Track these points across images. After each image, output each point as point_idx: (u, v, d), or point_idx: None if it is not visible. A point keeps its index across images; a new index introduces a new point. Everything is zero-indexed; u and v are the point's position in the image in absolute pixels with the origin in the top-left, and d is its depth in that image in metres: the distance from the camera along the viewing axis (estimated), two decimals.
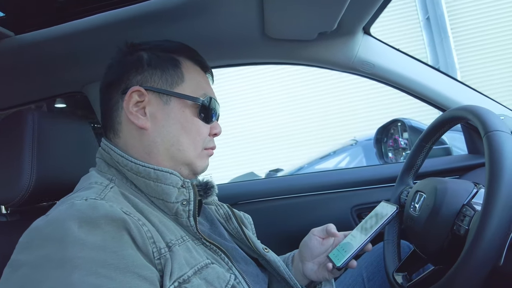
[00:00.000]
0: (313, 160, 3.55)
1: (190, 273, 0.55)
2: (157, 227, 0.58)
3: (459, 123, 0.75)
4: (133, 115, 0.66)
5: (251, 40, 0.97)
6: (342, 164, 3.51)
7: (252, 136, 5.22)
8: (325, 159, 3.37)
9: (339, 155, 3.31)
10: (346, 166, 3.21)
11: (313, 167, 3.43)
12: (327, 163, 3.33)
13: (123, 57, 0.71)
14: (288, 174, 3.75)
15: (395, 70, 1.02)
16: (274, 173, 3.95)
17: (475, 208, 0.62)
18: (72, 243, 0.47)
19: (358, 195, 1.18)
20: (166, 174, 0.64)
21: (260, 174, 4.60)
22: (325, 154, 3.43)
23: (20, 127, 0.71)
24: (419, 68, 1.04)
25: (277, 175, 3.84)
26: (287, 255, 0.94)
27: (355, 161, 3.31)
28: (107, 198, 0.55)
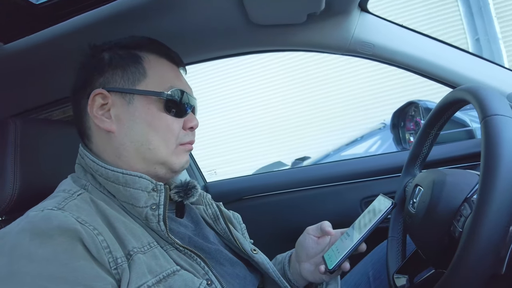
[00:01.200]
0: (339, 146, 3.43)
1: (152, 282, 0.52)
2: (119, 235, 0.56)
3: (463, 106, 0.65)
4: (98, 119, 0.65)
5: (237, 30, 0.92)
6: (372, 149, 3.36)
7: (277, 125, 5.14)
8: (352, 145, 3.24)
9: (367, 140, 3.17)
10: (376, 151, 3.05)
11: (339, 153, 3.32)
12: (354, 149, 3.20)
13: (87, 60, 0.69)
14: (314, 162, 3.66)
15: (399, 48, 0.91)
16: (300, 162, 3.87)
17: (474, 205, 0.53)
18: (19, 257, 0.46)
19: (368, 186, 1.10)
20: (134, 178, 0.62)
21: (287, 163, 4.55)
22: (352, 140, 3.29)
23: (2, 135, 0.72)
24: (428, 44, 0.93)
25: (303, 164, 3.77)
26: (284, 254, 0.90)
27: (385, 145, 3.15)
28: (67, 207, 0.54)
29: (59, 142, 0.82)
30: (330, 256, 0.74)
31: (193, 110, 0.75)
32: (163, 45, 0.73)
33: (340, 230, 0.79)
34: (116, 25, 0.83)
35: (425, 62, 0.92)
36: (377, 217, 0.68)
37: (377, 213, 0.69)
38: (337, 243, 0.75)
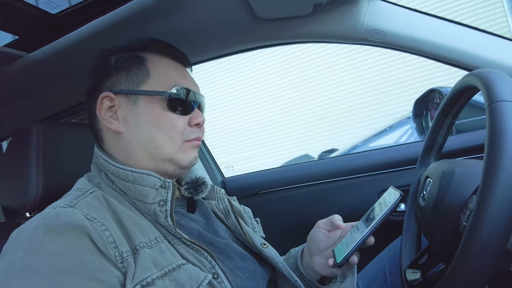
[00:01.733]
0: (367, 137, 3.34)
1: (156, 275, 0.55)
2: (127, 230, 0.59)
3: (476, 93, 0.61)
4: (106, 121, 0.68)
5: (244, 26, 0.92)
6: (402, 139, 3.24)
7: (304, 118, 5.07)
8: (380, 135, 3.14)
9: (396, 130, 3.06)
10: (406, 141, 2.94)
11: (367, 145, 3.24)
12: (383, 139, 3.10)
13: (95, 64, 0.73)
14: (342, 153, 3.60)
15: (412, 34, 0.87)
16: (327, 154, 3.82)
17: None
18: (34, 251, 0.50)
19: (385, 179, 1.07)
20: (143, 175, 0.65)
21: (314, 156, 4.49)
22: (380, 130, 3.19)
23: (26, 140, 0.78)
24: (444, 27, 0.88)
25: (330, 156, 3.71)
26: (297, 248, 0.90)
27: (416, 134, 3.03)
28: (78, 205, 0.58)
29: (77, 143, 0.87)
30: (340, 249, 0.73)
31: (200, 107, 0.76)
32: (166, 44, 0.75)
33: (351, 224, 0.78)
34: (126, 28, 0.86)
35: (442, 46, 0.87)
36: (385, 210, 0.67)
37: (386, 206, 0.68)
38: (347, 237, 0.75)
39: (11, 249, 0.52)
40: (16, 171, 0.77)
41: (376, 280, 0.88)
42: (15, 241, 0.53)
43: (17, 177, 0.77)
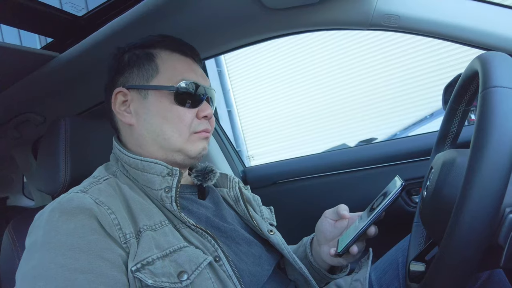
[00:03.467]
0: (407, 126, 3.18)
1: (157, 256, 0.59)
2: (133, 214, 0.64)
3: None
4: (120, 114, 0.73)
5: (254, 17, 0.92)
6: None
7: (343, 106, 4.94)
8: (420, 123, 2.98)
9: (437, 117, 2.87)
10: None
11: (407, 133, 3.08)
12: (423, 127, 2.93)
13: (112, 62, 0.78)
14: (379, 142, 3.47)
15: (429, 17, 0.82)
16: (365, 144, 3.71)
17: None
18: (50, 230, 0.57)
19: (405, 169, 1.03)
20: (151, 164, 0.70)
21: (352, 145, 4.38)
22: (420, 119, 3.02)
23: (55, 133, 0.86)
24: (464, 6, 0.81)
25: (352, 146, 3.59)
26: (307, 237, 0.91)
27: None
28: (90, 190, 0.64)
29: (101, 136, 0.95)
30: (343, 239, 0.73)
31: (209, 100, 0.79)
32: (175, 40, 0.78)
33: (357, 214, 0.77)
34: (142, 26, 0.91)
35: (462, 28, 0.81)
36: (386, 200, 0.65)
37: (387, 195, 0.66)
38: (352, 227, 0.75)
39: (35, 228, 0.60)
40: (48, 161, 0.86)
41: (389, 272, 0.86)
42: (38, 221, 0.60)
43: (49, 166, 0.86)
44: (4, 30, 11.65)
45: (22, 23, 0.95)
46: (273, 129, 5.68)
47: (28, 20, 0.92)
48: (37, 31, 1.00)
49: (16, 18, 0.91)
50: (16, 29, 0.99)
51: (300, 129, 5.30)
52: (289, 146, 5.46)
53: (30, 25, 0.97)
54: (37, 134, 1.55)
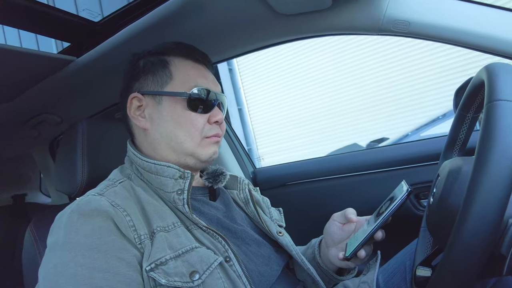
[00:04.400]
0: (419, 126, 3.15)
1: (170, 256, 0.61)
2: (147, 216, 0.66)
3: None
4: (135, 119, 0.76)
5: (265, 22, 0.94)
6: None
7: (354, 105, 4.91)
8: (433, 124, 2.94)
9: (450, 118, 2.83)
10: None
11: (419, 134, 3.05)
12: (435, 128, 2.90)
13: (128, 68, 0.81)
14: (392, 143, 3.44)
15: (440, 23, 0.82)
16: (376, 143, 3.68)
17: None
18: (70, 231, 0.60)
19: (414, 173, 1.04)
20: (163, 167, 0.72)
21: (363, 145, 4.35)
22: (432, 119, 2.99)
23: (73, 136, 0.90)
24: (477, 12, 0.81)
25: (379, 146, 3.57)
26: (316, 239, 0.93)
27: None
28: (107, 193, 0.67)
29: (116, 138, 0.98)
30: (351, 243, 0.75)
31: (220, 105, 0.81)
32: (188, 47, 0.80)
33: (365, 217, 0.79)
34: (155, 32, 0.93)
35: (475, 34, 0.81)
36: (392, 205, 0.67)
37: (394, 200, 0.68)
38: (360, 231, 0.76)
39: (56, 228, 0.63)
40: (67, 162, 0.90)
41: (396, 275, 0.87)
42: (59, 222, 0.64)
43: (67, 168, 0.89)
44: (22, 35, 11.86)
45: (41, 29, 0.99)
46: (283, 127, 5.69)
47: (47, 26, 0.96)
48: (56, 36, 1.04)
49: (36, 24, 0.94)
50: (34, 33, 1.03)
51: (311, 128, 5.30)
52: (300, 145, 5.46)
53: (48, 31, 1.00)
54: (54, 133, 1.60)
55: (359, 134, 4.67)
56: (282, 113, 5.68)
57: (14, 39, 10.38)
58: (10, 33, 11.86)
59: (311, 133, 5.32)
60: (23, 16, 0.88)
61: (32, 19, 0.91)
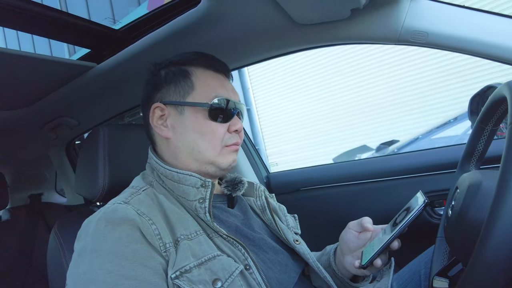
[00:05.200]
0: (430, 129, 3.13)
1: (194, 264, 0.63)
2: (171, 224, 0.68)
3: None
4: (157, 128, 0.78)
5: (283, 32, 0.95)
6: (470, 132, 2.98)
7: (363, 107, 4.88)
8: (443, 127, 2.92)
9: (461, 122, 2.81)
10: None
11: (429, 137, 3.04)
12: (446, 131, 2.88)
13: (149, 77, 0.83)
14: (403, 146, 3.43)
15: (459, 34, 0.82)
16: (386, 146, 3.67)
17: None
18: (98, 238, 0.62)
19: (429, 181, 1.04)
20: (186, 176, 0.74)
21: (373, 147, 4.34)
22: (443, 122, 2.97)
23: (95, 141, 0.92)
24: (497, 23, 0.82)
25: (389, 148, 3.56)
26: (332, 246, 0.94)
27: None
28: (132, 201, 0.69)
29: (136, 143, 1.00)
30: (367, 251, 0.76)
31: (239, 114, 0.83)
32: (209, 57, 0.82)
33: (380, 226, 0.80)
34: (174, 41, 0.95)
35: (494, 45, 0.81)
36: (409, 216, 0.68)
37: (410, 211, 0.69)
38: (375, 239, 0.77)
39: (83, 235, 0.66)
40: (88, 167, 0.92)
41: (411, 283, 0.88)
42: (86, 228, 0.66)
43: (89, 173, 0.92)
44: (36, 40, 12.04)
45: (63, 36, 1.01)
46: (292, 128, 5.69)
47: (69, 34, 0.98)
48: (77, 43, 1.07)
49: (59, 32, 0.97)
50: (47, 39, 1.05)
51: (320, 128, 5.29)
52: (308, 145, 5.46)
53: (70, 38, 1.03)
54: (71, 135, 1.64)
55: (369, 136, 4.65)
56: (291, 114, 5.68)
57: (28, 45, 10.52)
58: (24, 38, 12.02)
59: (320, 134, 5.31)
60: (46, 24, 0.90)
61: (55, 28, 0.93)
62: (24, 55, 0.93)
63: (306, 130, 5.56)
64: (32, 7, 0.84)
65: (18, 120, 1.36)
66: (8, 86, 1.11)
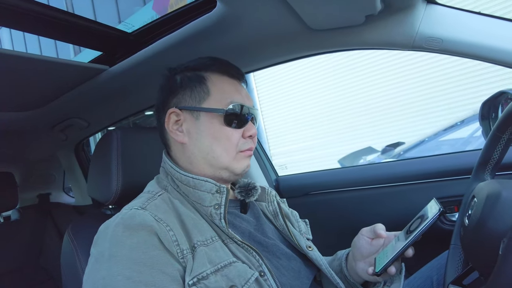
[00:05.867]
0: (436, 131, 3.11)
1: (210, 271, 0.63)
2: (187, 230, 0.69)
3: None
4: (173, 133, 0.78)
5: (296, 36, 0.95)
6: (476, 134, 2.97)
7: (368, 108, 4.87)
8: (450, 130, 2.91)
9: (468, 125, 2.80)
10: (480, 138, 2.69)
11: (436, 139, 3.02)
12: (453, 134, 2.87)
13: (164, 82, 0.83)
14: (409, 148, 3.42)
15: (474, 41, 0.82)
16: (392, 148, 3.66)
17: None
18: (116, 244, 0.62)
19: (441, 187, 1.04)
20: (201, 182, 0.75)
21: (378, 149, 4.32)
22: (450, 125, 2.95)
23: (108, 144, 0.93)
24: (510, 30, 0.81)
25: (395, 150, 3.55)
26: (343, 251, 0.94)
27: None
28: (148, 207, 0.69)
29: (149, 146, 1.00)
30: (380, 258, 0.76)
31: (253, 119, 0.83)
32: (224, 63, 0.82)
33: (394, 233, 0.80)
34: (188, 46, 0.96)
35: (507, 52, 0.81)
36: (424, 224, 0.68)
37: (424, 220, 0.69)
38: (389, 246, 0.77)
39: (101, 240, 0.66)
40: (102, 170, 0.93)
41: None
42: (103, 234, 0.66)
43: (102, 176, 0.92)
44: (42, 42, 12.15)
45: (76, 39, 1.02)
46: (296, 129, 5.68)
47: (81, 36, 0.99)
48: (89, 45, 1.07)
49: (70, 34, 0.97)
50: (53, 40, 1.06)
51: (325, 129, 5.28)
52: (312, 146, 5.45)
53: (83, 41, 1.04)
54: (80, 136, 1.65)
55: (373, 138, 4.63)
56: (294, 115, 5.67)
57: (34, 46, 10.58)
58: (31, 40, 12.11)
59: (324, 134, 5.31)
60: (60, 27, 0.91)
61: (69, 30, 0.94)
62: (38, 58, 0.94)
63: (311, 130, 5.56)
64: (47, 11, 0.84)
65: (29, 122, 1.37)
66: (21, 88, 1.12)
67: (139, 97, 1.27)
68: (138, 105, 1.31)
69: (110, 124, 1.46)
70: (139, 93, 1.23)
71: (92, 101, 1.29)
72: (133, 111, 1.38)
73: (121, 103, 1.29)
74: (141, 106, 1.31)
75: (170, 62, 0.92)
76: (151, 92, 1.23)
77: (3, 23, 0.85)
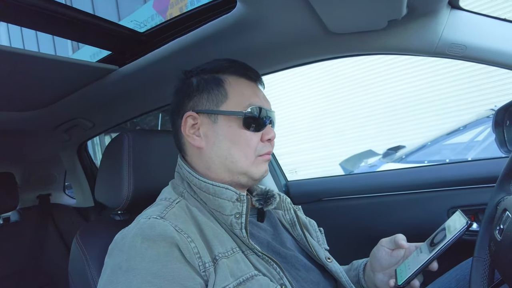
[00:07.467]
0: (438, 136, 3.11)
1: (233, 285, 0.61)
2: (208, 241, 0.66)
3: None
4: (190, 137, 0.76)
5: (317, 40, 0.92)
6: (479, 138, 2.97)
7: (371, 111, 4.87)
8: (453, 135, 2.90)
9: (471, 129, 2.80)
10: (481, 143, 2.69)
11: (439, 143, 3.02)
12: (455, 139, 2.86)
13: (180, 85, 0.80)
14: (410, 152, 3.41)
15: (497, 48, 0.80)
16: (393, 152, 3.65)
17: None
18: (134, 256, 0.59)
19: (457, 195, 1.02)
20: (222, 189, 0.72)
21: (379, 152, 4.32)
22: (453, 130, 2.94)
23: (119, 147, 0.89)
24: None
25: (396, 154, 3.54)
26: (360, 261, 0.92)
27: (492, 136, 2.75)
28: (167, 216, 0.66)
29: (162, 150, 0.97)
30: (402, 270, 0.74)
31: (271, 122, 0.81)
32: (241, 65, 0.79)
33: (415, 244, 0.78)
34: (203, 47, 0.93)
35: None
36: (450, 237, 0.66)
37: (451, 232, 0.67)
38: (410, 258, 0.75)
39: (117, 251, 0.63)
40: (112, 175, 0.89)
41: None
42: (120, 244, 0.63)
43: (113, 181, 0.89)
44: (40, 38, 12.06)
45: (85, 38, 0.99)
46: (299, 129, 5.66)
47: (90, 35, 0.95)
48: (98, 44, 1.04)
49: (79, 33, 0.94)
50: (51, 36, 1.02)
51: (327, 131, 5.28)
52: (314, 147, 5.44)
53: (92, 39, 1.00)
54: (84, 137, 1.61)
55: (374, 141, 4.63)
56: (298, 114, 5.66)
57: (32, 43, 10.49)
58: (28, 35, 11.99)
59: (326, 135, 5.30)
60: (68, 25, 0.87)
61: (78, 29, 0.90)
62: (45, 57, 0.90)
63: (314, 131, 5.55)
64: (55, 7, 0.80)
65: (33, 121, 1.33)
66: (25, 88, 1.08)
67: (148, 99, 1.23)
68: (147, 106, 1.28)
69: (116, 125, 1.43)
70: (149, 94, 1.20)
71: (99, 101, 1.25)
72: (141, 111, 1.35)
73: (129, 104, 1.26)
74: (149, 107, 1.28)
75: (183, 64, 0.90)
76: (161, 93, 1.20)
77: (7, 19, 0.82)
